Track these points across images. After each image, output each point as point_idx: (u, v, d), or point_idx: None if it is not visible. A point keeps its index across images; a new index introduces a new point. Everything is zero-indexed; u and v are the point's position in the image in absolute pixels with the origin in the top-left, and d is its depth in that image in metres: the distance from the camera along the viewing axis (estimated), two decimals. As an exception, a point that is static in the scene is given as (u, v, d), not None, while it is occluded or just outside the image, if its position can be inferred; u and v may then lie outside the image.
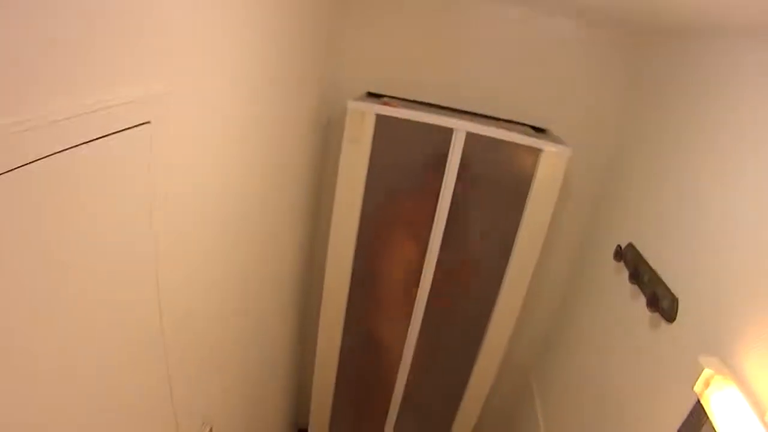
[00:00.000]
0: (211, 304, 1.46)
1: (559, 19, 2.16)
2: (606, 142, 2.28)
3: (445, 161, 2.02)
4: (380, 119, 2.00)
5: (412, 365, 2.44)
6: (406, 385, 2.51)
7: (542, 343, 2.71)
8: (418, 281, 2.24)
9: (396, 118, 1.99)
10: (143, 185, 0.96)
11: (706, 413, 1.06)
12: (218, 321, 1.55)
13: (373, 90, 2.36)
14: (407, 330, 2.35)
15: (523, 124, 2.27)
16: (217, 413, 1.65)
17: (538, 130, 2.24)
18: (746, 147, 1.26)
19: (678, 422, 1.18)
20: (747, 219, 1.18)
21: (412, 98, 2.32)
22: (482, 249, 2.25)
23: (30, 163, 0.63)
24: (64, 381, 0.82)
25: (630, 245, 1.79)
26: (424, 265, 2.20)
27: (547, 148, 1.92)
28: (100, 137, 0.78)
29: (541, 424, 2.33)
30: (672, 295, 1.41)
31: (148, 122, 0.91)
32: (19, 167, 0.61)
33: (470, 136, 1.97)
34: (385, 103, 2.08)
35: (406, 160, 2.15)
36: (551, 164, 1.93)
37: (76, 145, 0.72)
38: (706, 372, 1.09)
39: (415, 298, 2.28)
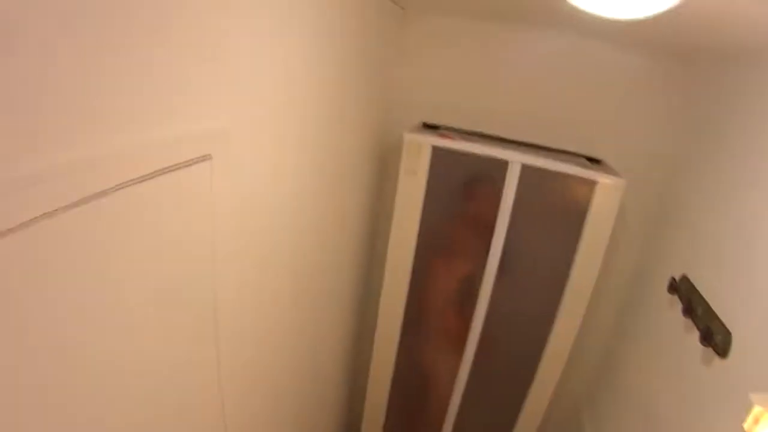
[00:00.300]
0: (268, 337, 1.54)
1: (613, 48, 2.20)
2: (660, 171, 2.28)
3: (501, 192, 2.06)
4: (436, 151, 2.06)
5: (464, 396, 2.47)
6: (458, 415, 2.53)
7: (593, 374, 2.69)
8: (472, 313, 2.28)
9: (452, 150, 2.06)
10: (205, 217, 1.00)
11: (755, 451, 1.07)
12: (275, 351, 1.63)
13: (428, 121, 2.43)
14: (460, 360, 2.39)
15: (577, 155, 2.29)
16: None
17: (592, 161, 2.25)
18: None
19: (729, 459, 1.19)
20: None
21: (467, 129, 2.38)
22: (536, 281, 2.27)
23: (89, 198, 0.66)
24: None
25: (684, 277, 1.79)
26: (479, 297, 2.24)
27: (602, 179, 1.95)
28: (161, 171, 0.81)
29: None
30: (725, 329, 1.41)
31: (209, 156, 0.95)
32: (77, 202, 0.64)
33: (525, 168, 2.01)
34: (441, 135, 2.14)
35: (462, 191, 2.21)
36: (606, 196, 1.96)
37: (136, 181, 0.75)
38: (757, 409, 1.09)
39: (468, 330, 2.31)
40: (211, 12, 0.91)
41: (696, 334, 1.54)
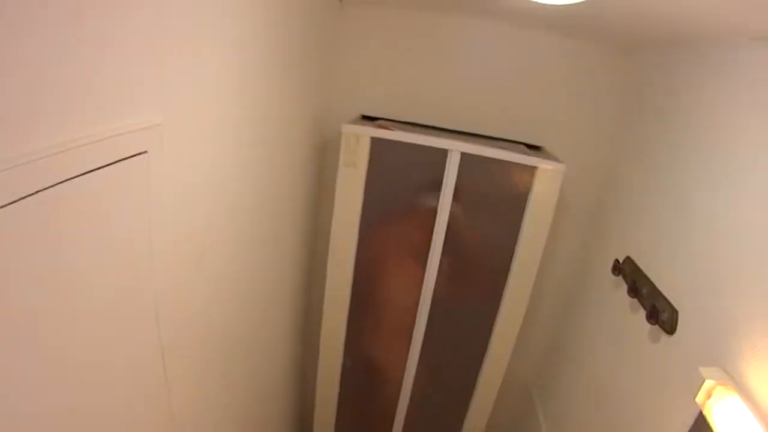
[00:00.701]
0: (214, 330, 1.47)
1: (551, 37, 2.19)
2: (601, 156, 2.30)
3: (441, 182, 2.03)
4: (375, 142, 2.01)
5: (414, 386, 2.43)
6: (409, 405, 2.49)
7: (544, 358, 2.71)
8: (418, 302, 2.24)
9: (391, 141, 2.01)
10: (142, 213, 0.97)
11: (708, 424, 1.06)
12: (221, 348, 1.56)
13: (367, 113, 2.38)
14: (408, 351, 2.34)
15: (518, 142, 2.29)
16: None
17: (533, 148, 2.25)
18: (743, 155, 1.27)
19: (683, 434, 1.18)
20: (744, 228, 1.19)
21: (407, 120, 2.34)
22: (480, 268, 2.25)
23: (24, 197, 0.64)
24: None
25: (628, 259, 1.80)
26: (423, 286, 2.20)
27: (542, 165, 1.93)
28: (98, 168, 0.79)
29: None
30: (671, 307, 1.42)
31: (145, 152, 0.92)
32: (12, 203, 0.63)
33: (465, 156, 1.98)
34: (379, 126, 2.09)
35: (402, 182, 2.16)
36: (546, 181, 1.95)
37: (72, 178, 0.73)
38: (708, 383, 1.09)
39: (414, 319, 2.27)
40: (146, 5, 0.88)
41: (642, 313, 1.54)
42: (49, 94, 0.68)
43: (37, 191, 0.66)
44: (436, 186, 2.05)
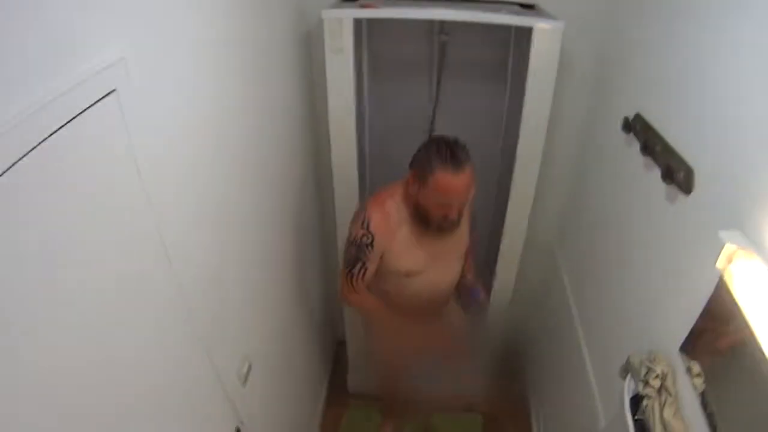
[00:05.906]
0: (226, 253, 1.49)
1: None
2: (599, 8, 2.12)
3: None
4: (359, 23, 1.90)
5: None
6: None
7: (564, 220, 2.71)
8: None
9: (375, 19, 1.90)
10: (125, 151, 0.95)
11: (730, 289, 1.04)
12: (239, 269, 1.60)
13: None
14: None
15: (510, 2, 2.13)
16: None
17: (526, 7, 2.10)
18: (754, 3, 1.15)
19: (704, 299, 1.17)
20: (762, 81, 1.10)
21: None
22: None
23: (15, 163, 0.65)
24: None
25: (638, 116, 1.71)
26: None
27: (538, 24, 1.81)
28: (72, 118, 0.77)
29: (570, 301, 2.37)
30: (687, 166, 1.35)
31: (113, 90, 0.88)
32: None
33: (455, 25, 1.87)
34: (362, 6, 1.96)
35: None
36: (545, 42, 1.83)
37: (52, 134, 0.72)
38: (728, 247, 1.05)
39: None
40: None
41: (657, 172, 1.49)
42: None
43: (14, 162, 0.65)
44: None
